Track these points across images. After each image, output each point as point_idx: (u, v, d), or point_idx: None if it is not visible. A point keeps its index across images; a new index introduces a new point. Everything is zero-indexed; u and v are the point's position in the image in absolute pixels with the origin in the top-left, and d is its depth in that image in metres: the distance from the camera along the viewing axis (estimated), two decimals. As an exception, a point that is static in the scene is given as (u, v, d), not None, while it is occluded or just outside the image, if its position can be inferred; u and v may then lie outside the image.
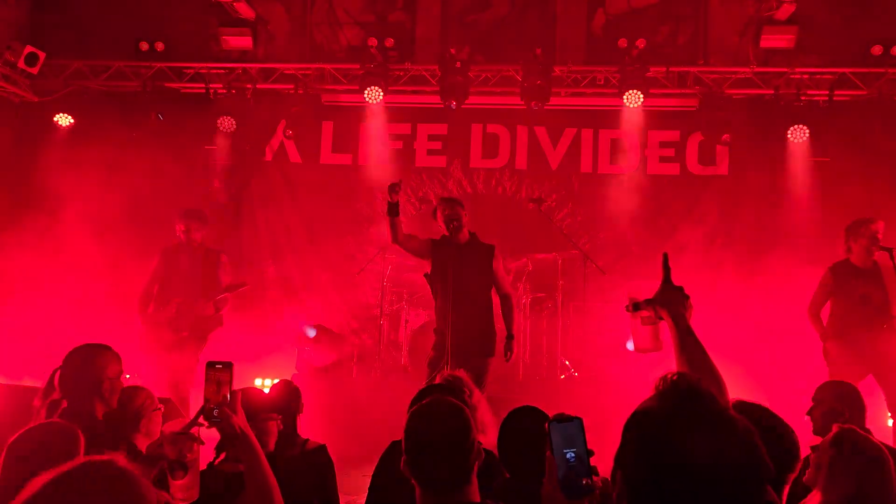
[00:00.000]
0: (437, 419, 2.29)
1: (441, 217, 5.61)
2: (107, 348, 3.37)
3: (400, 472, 2.25)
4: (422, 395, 3.12)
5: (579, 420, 1.79)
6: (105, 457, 1.63)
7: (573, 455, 1.72)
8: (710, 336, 7.37)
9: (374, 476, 3.46)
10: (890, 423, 5.80)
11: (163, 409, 3.60)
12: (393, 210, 5.50)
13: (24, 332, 7.50)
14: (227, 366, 2.32)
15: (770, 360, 7.20)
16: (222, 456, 3.11)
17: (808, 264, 6.82)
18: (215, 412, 2.27)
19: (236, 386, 2.34)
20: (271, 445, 3.31)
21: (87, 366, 3.25)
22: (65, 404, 3.22)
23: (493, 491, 2.82)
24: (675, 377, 1.53)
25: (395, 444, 3.43)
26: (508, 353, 5.63)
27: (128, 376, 3.48)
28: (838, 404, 3.71)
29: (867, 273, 5.95)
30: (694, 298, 7.72)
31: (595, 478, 1.71)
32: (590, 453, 1.73)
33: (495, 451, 3.19)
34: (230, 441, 2.32)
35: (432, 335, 5.82)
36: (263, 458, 2.29)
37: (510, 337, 5.64)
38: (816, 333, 6.08)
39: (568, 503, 1.69)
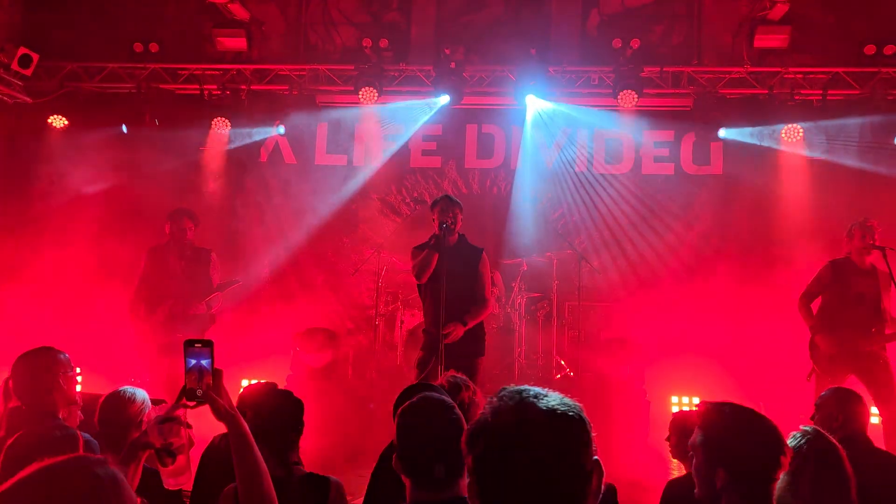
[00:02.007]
0: (428, 416, 2.30)
1: (436, 215, 5.60)
2: (48, 349, 3.39)
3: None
4: (408, 393, 3.11)
5: (612, 488, 1.81)
6: (98, 456, 1.61)
7: None
8: (705, 335, 7.41)
9: (373, 474, 3.47)
10: (876, 420, 5.81)
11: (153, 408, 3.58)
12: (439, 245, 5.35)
13: (21, 333, 7.48)
14: (207, 344, 2.24)
15: (764, 359, 7.23)
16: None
17: (802, 263, 6.84)
18: (198, 392, 2.21)
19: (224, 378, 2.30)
20: None
21: (36, 371, 3.28)
22: (24, 409, 3.23)
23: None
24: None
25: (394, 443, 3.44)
26: (447, 334, 5.24)
27: (132, 380, 3.49)
28: (835, 410, 3.73)
29: (865, 273, 5.95)
30: (688, 297, 7.76)
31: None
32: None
33: None
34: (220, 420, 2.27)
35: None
36: (251, 439, 2.24)
37: (462, 322, 5.33)
38: (806, 324, 6.08)
39: None
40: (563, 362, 7.87)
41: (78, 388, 4.17)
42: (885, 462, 3.60)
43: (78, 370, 3.50)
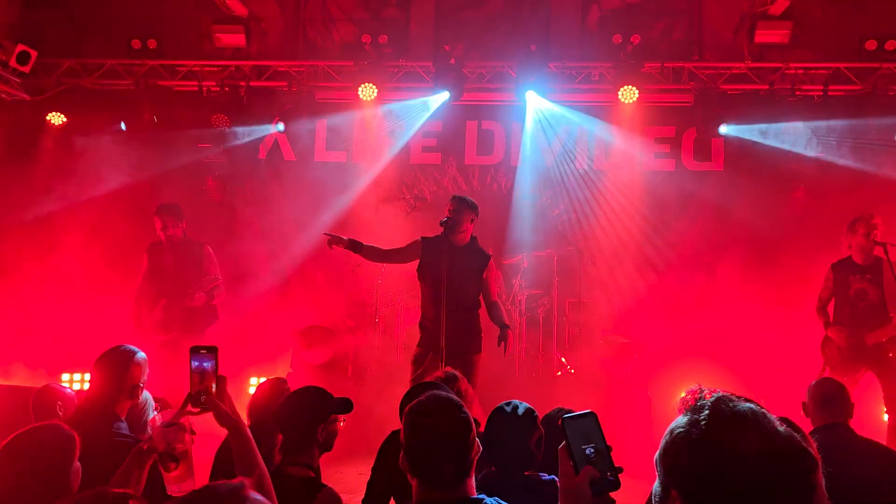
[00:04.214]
0: (437, 415, 2.27)
1: (446, 212, 5.61)
2: (136, 352, 3.38)
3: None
4: (415, 392, 3.10)
5: (593, 414, 1.75)
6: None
7: (592, 450, 1.69)
8: (706, 331, 7.40)
9: (373, 468, 3.48)
10: (885, 417, 5.81)
11: (158, 409, 3.57)
12: (354, 248, 5.63)
13: (20, 330, 7.47)
14: (212, 350, 2.28)
15: (766, 355, 7.21)
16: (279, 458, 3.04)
17: (803, 259, 6.83)
18: (202, 398, 2.24)
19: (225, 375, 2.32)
20: None
21: (120, 370, 3.27)
22: (92, 404, 3.22)
23: (479, 483, 2.82)
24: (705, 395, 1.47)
25: (395, 434, 3.45)
26: (503, 343, 5.48)
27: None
28: (807, 400, 3.82)
29: (866, 270, 5.96)
30: (689, 294, 7.74)
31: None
32: (609, 448, 1.70)
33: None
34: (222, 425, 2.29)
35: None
36: (254, 444, 2.27)
37: (504, 326, 5.51)
38: (822, 326, 6.14)
39: (593, 498, 1.65)
40: (563, 359, 7.85)
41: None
42: (871, 451, 3.58)
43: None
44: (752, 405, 1.38)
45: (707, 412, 1.36)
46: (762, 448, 1.30)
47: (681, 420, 1.39)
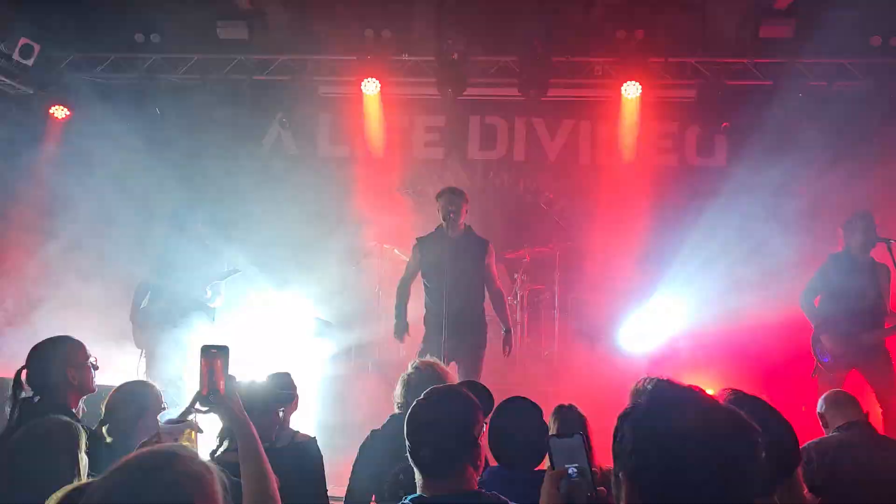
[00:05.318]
0: (437, 408, 2.31)
1: (440, 207, 5.61)
2: (66, 338, 3.35)
3: (379, 459, 2.26)
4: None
5: (580, 436, 1.80)
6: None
7: (575, 470, 1.73)
8: (706, 327, 7.37)
9: (355, 464, 3.50)
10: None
11: (167, 408, 3.57)
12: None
13: (20, 326, 7.48)
14: (223, 349, 2.29)
15: (768, 352, 7.20)
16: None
17: (807, 255, 6.80)
18: (211, 397, 2.25)
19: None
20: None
21: (50, 359, 3.24)
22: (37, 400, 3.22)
23: (484, 478, 2.83)
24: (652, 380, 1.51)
25: (374, 433, 3.49)
26: (507, 348, 5.58)
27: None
28: (821, 411, 3.87)
29: (865, 267, 5.92)
30: (691, 291, 7.68)
31: (601, 489, 1.72)
32: (592, 471, 1.73)
33: None
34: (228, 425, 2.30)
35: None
36: (259, 443, 2.28)
37: (507, 331, 5.59)
38: (809, 320, 6.07)
39: None
40: (564, 356, 7.86)
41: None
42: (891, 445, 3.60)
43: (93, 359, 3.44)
44: (692, 387, 1.43)
45: (647, 396, 1.42)
46: (701, 423, 1.33)
47: (626, 408, 1.45)
